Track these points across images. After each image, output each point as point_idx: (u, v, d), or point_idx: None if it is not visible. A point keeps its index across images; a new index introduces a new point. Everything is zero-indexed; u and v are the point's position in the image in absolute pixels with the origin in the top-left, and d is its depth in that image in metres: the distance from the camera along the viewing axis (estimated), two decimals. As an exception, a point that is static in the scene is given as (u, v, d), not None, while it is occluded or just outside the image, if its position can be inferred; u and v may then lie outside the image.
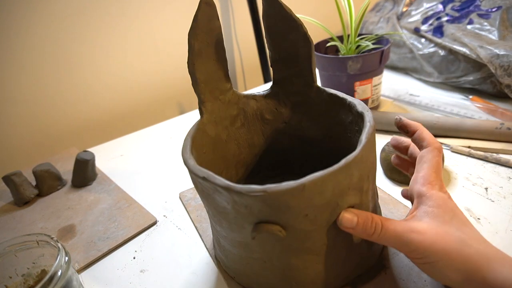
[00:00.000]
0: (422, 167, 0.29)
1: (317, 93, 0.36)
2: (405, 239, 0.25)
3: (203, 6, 0.30)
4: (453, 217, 0.26)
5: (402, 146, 0.34)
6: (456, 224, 0.26)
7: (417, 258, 0.25)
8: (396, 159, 0.36)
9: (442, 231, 0.25)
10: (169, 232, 0.42)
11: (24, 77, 0.65)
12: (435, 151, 0.29)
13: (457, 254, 0.24)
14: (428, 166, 0.29)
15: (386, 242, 0.26)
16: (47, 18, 0.63)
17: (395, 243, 0.25)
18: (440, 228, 0.25)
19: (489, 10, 0.60)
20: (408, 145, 0.34)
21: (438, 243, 0.24)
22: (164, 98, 0.83)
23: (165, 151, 0.61)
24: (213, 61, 0.34)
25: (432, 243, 0.24)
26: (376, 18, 0.81)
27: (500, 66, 0.53)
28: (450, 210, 0.26)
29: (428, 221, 0.25)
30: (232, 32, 0.87)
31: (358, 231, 0.25)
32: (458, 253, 0.24)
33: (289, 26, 0.33)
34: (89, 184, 0.53)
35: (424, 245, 0.24)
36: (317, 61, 0.58)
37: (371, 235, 0.25)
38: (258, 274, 0.30)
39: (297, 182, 0.23)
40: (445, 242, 0.24)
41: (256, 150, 0.41)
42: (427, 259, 0.24)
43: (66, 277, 0.28)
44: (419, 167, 0.29)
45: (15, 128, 0.67)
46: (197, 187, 0.28)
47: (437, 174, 0.28)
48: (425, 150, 0.30)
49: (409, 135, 0.32)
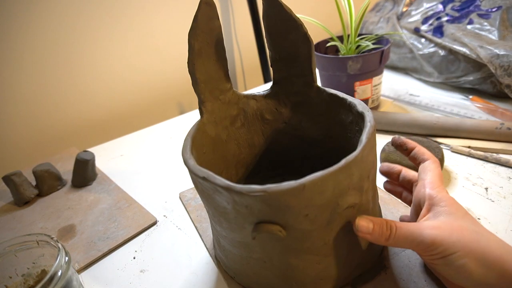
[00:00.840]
0: (428, 175, 0.30)
1: (317, 93, 0.36)
2: (420, 236, 0.25)
3: (203, 6, 0.30)
4: (466, 214, 0.27)
5: (393, 172, 0.36)
6: (469, 220, 0.26)
7: (434, 254, 0.25)
8: (388, 185, 0.37)
9: (458, 224, 0.25)
10: (169, 232, 0.42)
11: (24, 77, 0.65)
12: (436, 163, 0.31)
13: (476, 245, 0.24)
14: (433, 174, 0.30)
15: (402, 243, 0.26)
16: (47, 18, 0.63)
17: (411, 242, 0.26)
18: (455, 223, 0.26)
19: (489, 10, 0.60)
20: (399, 170, 0.35)
21: (455, 234, 0.24)
22: (164, 98, 0.83)
23: (165, 151, 0.61)
24: (213, 61, 0.34)
25: (449, 235, 0.24)
26: (376, 18, 0.81)
27: (500, 66, 0.53)
28: (462, 208, 0.27)
29: (442, 219, 0.26)
30: (232, 32, 0.87)
31: (375, 235, 0.26)
32: (476, 243, 0.24)
33: (289, 26, 0.33)
34: (89, 184, 0.53)
35: (442, 237, 0.24)
36: (317, 61, 0.58)
37: (388, 238, 0.26)
38: (258, 274, 0.30)
39: (297, 182, 0.23)
40: (462, 234, 0.24)
41: (256, 150, 0.41)
42: (446, 252, 0.24)
43: (66, 277, 0.28)
44: (424, 175, 0.30)
45: (15, 128, 0.67)
46: (197, 187, 0.28)
47: (441, 181, 0.30)
48: (427, 162, 0.31)
49: (407, 152, 0.33)
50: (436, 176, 0.30)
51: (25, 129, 0.68)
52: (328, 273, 0.29)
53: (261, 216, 0.24)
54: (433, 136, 0.51)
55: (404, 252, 0.34)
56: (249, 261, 0.30)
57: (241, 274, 0.32)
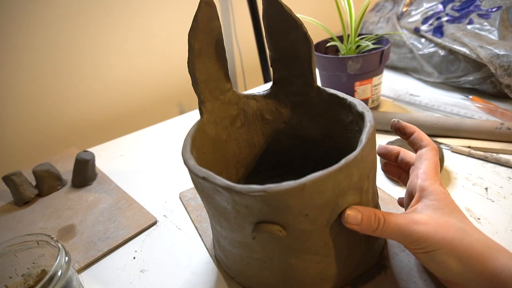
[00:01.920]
0: (423, 164, 0.30)
1: (317, 93, 0.36)
2: (407, 231, 0.25)
3: (203, 6, 0.30)
4: (454, 210, 0.27)
5: (391, 153, 0.35)
6: (456, 216, 0.26)
7: (418, 248, 0.25)
8: (386, 166, 0.37)
9: (444, 221, 0.25)
10: (169, 232, 0.42)
11: (24, 77, 0.65)
12: (434, 150, 0.30)
13: (459, 243, 0.24)
14: (428, 163, 0.29)
15: (389, 235, 0.26)
16: (47, 18, 0.63)
17: (397, 236, 0.26)
18: (441, 219, 0.26)
19: (489, 10, 0.60)
20: (397, 152, 0.35)
21: (440, 232, 0.25)
22: (164, 98, 0.83)
23: (165, 151, 0.61)
24: (213, 61, 0.34)
25: (435, 232, 0.24)
26: (376, 18, 0.81)
27: (500, 66, 0.53)
28: (451, 203, 0.27)
29: (429, 213, 0.26)
30: (232, 32, 0.87)
31: (363, 227, 0.26)
32: (460, 241, 0.24)
33: (289, 26, 0.33)
34: (89, 184, 0.53)
35: (427, 234, 0.24)
36: (317, 61, 0.58)
37: (375, 230, 0.26)
38: (258, 274, 0.30)
39: (297, 182, 0.23)
40: (447, 231, 0.25)
41: (256, 150, 0.41)
42: (429, 248, 0.25)
43: (66, 277, 0.28)
44: (419, 164, 0.30)
45: (15, 128, 0.67)
46: (197, 187, 0.28)
47: (436, 171, 0.29)
48: (424, 149, 0.31)
49: (406, 137, 0.33)
50: (431, 166, 0.29)
51: (25, 129, 0.68)
52: (328, 273, 0.29)
53: (261, 216, 0.24)
54: (433, 136, 0.51)
55: (404, 252, 0.34)
56: (249, 261, 0.30)
57: (241, 274, 0.32)
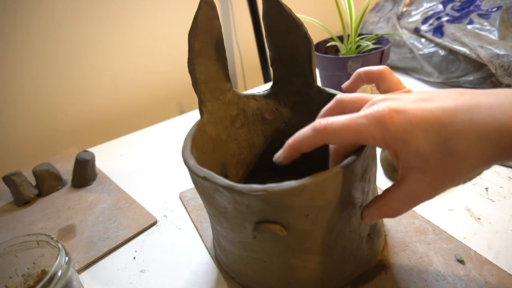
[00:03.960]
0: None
1: (317, 93, 0.36)
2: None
3: (203, 6, 0.31)
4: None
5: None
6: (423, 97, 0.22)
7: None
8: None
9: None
10: (169, 232, 0.42)
11: (24, 77, 0.65)
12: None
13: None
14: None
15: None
16: (47, 18, 0.63)
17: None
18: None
19: (489, 10, 0.60)
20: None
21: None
22: (164, 98, 0.83)
23: (165, 151, 0.61)
24: (213, 61, 0.34)
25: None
26: (376, 18, 0.81)
27: (500, 66, 0.53)
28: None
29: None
30: (232, 32, 0.87)
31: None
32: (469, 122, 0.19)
33: (289, 26, 0.33)
34: (89, 184, 0.53)
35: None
36: (317, 61, 0.58)
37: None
38: (258, 274, 0.30)
39: (299, 182, 0.23)
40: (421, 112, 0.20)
41: (256, 150, 0.41)
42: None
43: (66, 277, 0.28)
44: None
45: (15, 128, 0.67)
46: (197, 187, 0.28)
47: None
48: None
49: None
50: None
51: (25, 129, 0.68)
52: (328, 273, 0.29)
53: (262, 216, 0.24)
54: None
55: (404, 252, 0.34)
56: (249, 261, 0.30)
57: (241, 274, 0.32)
